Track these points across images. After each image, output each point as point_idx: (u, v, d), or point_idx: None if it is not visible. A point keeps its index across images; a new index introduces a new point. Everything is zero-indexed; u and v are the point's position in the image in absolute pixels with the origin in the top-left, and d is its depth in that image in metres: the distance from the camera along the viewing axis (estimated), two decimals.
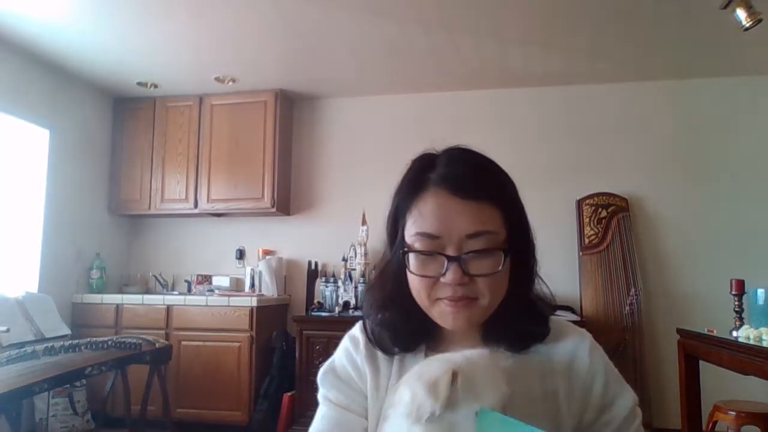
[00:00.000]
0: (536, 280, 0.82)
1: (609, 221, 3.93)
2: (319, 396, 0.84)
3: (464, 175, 0.76)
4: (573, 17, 3.17)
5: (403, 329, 0.81)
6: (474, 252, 0.73)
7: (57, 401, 3.54)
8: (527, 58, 3.74)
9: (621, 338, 3.72)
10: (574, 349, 0.79)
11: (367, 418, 0.80)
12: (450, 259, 0.73)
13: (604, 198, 3.98)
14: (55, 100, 3.95)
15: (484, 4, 3.04)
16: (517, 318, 0.79)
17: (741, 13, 2.69)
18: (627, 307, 3.77)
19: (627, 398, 0.78)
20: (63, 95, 4.04)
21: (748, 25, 2.70)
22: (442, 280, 0.74)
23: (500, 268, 0.73)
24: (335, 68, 3.94)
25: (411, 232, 0.77)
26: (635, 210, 4.00)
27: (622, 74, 3.98)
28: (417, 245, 0.76)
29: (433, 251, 0.75)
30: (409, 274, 0.78)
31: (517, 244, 0.77)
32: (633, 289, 3.79)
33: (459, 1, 3.01)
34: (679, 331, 3.03)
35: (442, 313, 0.76)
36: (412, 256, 0.76)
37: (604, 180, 4.02)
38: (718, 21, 3.04)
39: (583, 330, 0.83)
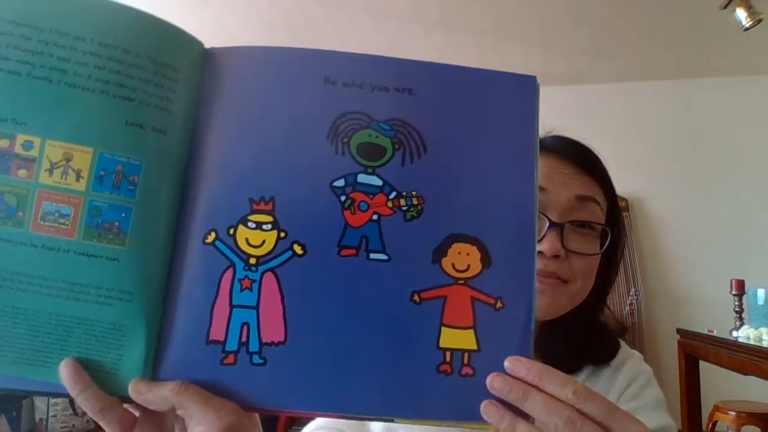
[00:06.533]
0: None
1: None
2: None
3: (574, 144, 0.73)
4: (573, 17, 3.17)
5: None
6: (578, 223, 0.66)
7: (57, 401, 3.54)
8: (527, 58, 3.74)
9: (621, 338, 3.71)
10: (631, 377, 0.71)
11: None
12: (552, 224, 0.64)
13: None
14: None
15: (484, 4, 3.04)
16: (579, 333, 0.70)
17: (741, 13, 2.69)
18: (627, 307, 3.77)
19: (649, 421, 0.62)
20: None
21: (748, 25, 2.70)
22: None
23: (602, 249, 0.67)
24: None
25: None
26: (635, 210, 3.99)
27: (622, 74, 3.98)
28: None
29: None
30: None
31: (610, 242, 0.69)
32: (633, 289, 3.79)
33: (459, 1, 3.01)
34: (679, 331, 3.03)
35: None
36: None
37: None
38: (718, 21, 3.04)
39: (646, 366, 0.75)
